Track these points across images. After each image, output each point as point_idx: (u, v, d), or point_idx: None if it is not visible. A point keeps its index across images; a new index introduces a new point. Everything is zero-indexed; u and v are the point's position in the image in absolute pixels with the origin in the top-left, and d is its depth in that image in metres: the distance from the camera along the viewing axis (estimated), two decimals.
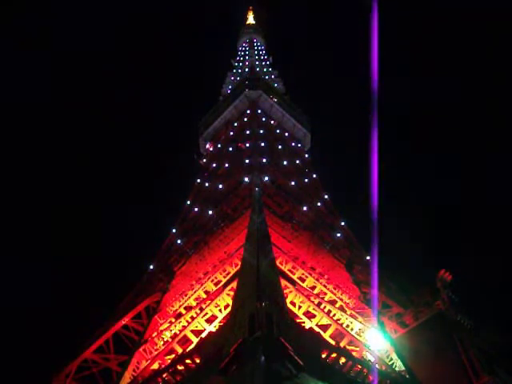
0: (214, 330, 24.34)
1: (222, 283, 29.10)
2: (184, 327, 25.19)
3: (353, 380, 15.88)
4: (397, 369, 21.96)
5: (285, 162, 55.91)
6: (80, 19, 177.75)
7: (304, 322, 25.95)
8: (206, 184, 55.24)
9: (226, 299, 25.29)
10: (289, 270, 31.51)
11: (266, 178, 45.90)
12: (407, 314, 27.58)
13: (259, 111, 68.80)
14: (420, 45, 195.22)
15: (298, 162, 59.97)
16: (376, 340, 24.49)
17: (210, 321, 25.55)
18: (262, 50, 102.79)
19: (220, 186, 49.63)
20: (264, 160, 50.89)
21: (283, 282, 24.37)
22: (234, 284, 23.88)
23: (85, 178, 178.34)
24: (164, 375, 17.69)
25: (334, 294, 31.57)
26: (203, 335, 23.83)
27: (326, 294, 31.37)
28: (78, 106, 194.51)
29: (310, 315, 26.40)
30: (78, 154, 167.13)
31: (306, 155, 68.62)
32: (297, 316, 26.17)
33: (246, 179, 44.94)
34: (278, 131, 67.32)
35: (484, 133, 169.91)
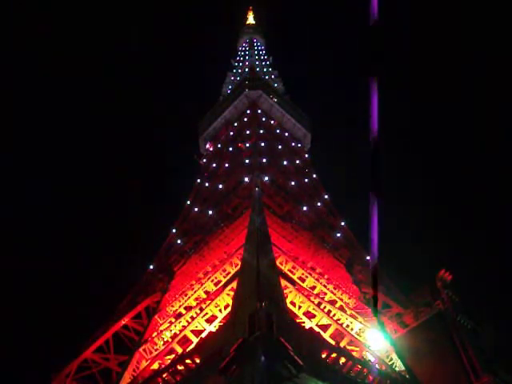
0: (214, 330, 24.34)
1: (222, 283, 29.08)
2: (184, 327, 25.19)
3: (353, 380, 15.88)
4: (397, 369, 21.99)
5: (285, 162, 55.91)
6: (80, 18, 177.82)
7: (304, 322, 25.94)
8: (206, 184, 55.25)
9: (226, 299, 25.27)
10: (289, 270, 31.48)
11: (266, 178, 45.90)
12: (407, 313, 27.60)
13: (259, 111, 68.74)
14: (419, 45, 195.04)
15: (298, 162, 59.93)
16: (376, 340, 24.51)
17: (209, 321, 25.53)
18: (261, 50, 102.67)
19: (220, 186, 49.63)
20: (264, 160, 50.88)
21: (283, 282, 24.38)
22: (234, 284, 23.89)
23: (84, 178, 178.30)
24: (164, 375, 17.71)
25: (334, 294, 31.54)
26: (203, 335, 23.84)
27: (326, 293, 31.34)
28: (77, 106, 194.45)
29: (310, 315, 26.38)
30: (77, 153, 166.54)
31: (306, 155, 68.54)
32: (297, 316, 26.15)
33: (246, 179, 44.94)
34: (277, 131, 67.28)
35: (483, 132, 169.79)
